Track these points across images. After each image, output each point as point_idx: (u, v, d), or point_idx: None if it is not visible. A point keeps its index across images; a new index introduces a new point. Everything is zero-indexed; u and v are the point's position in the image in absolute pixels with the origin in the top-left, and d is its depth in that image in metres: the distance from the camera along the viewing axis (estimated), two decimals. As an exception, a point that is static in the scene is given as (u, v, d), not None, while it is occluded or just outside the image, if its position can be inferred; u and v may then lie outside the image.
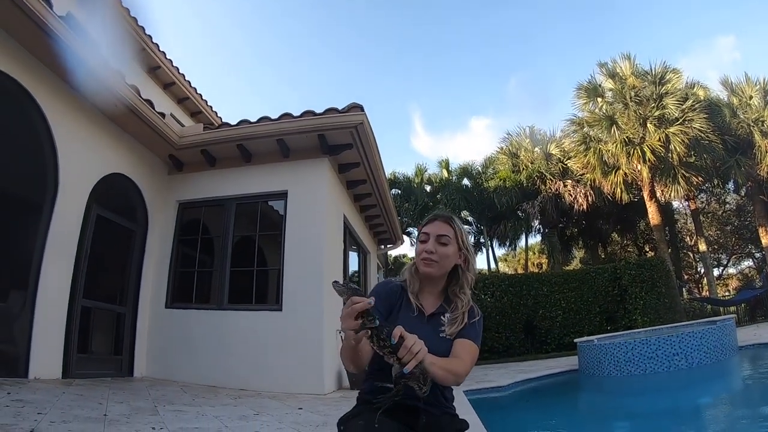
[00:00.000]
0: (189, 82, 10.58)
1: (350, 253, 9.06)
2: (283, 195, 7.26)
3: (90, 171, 6.12)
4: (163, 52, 9.56)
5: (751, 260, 27.64)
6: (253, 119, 7.22)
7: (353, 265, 10.01)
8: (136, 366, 6.72)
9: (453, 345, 1.56)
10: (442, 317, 1.61)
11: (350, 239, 9.00)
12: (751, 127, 16.28)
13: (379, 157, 7.97)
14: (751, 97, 16.83)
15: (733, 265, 29.29)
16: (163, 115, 7.02)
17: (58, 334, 5.46)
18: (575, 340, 9.62)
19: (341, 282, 1.33)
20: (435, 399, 1.50)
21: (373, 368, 1.50)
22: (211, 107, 11.56)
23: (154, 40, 9.24)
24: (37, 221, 5.33)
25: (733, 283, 29.08)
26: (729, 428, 4.56)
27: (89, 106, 5.83)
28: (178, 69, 10.12)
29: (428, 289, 1.67)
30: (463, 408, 1.56)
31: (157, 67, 9.54)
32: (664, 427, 4.75)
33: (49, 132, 5.38)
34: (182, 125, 7.77)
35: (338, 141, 7.12)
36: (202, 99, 11.13)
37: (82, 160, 5.92)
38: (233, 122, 7.39)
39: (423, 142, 59.39)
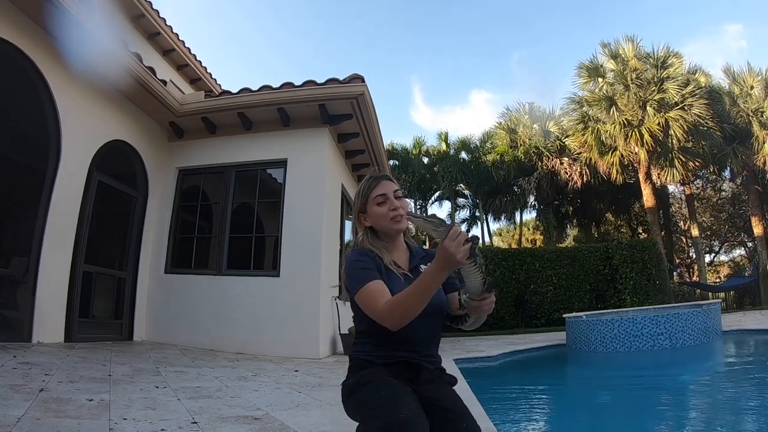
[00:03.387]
0: (189, 49, 10.45)
1: (347, 222, 9.15)
2: (282, 163, 7.33)
3: (92, 137, 6.14)
4: (163, 19, 9.41)
5: (743, 249, 27.76)
6: (254, 88, 7.24)
7: (349, 234, 10.11)
8: (135, 330, 6.88)
9: (449, 298, 1.57)
10: (420, 268, 1.59)
11: (347, 208, 9.10)
12: (750, 117, 16.33)
13: (379, 128, 8.02)
14: (752, 87, 16.80)
15: (725, 252, 29.45)
16: (164, 82, 7.01)
17: (60, 299, 5.58)
18: (564, 316, 9.84)
19: (428, 216, 1.38)
20: (431, 356, 1.57)
21: (371, 332, 1.50)
22: (210, 74, 11.44)
23: (154, 6, 9.11)
24: (39, 187, 5.38)
25: (724, 270, 29.23)
26: (707, 405, 4.77)
27: (91, 73, 5.79)
28: (177, 35, 9.97)
29: (395, 251, 1.63)
30: (451, 374, 1.68)
31: (156, 34, 9.40)
32: (643, 400, 4.95)
33: (52, 99, 5.40)
34: (182, 92, 7.75)
35: (338, 111, 7.16)
36: (201, 66, 11.00)
37: (84, 127, 5.93)
38: (233, 90, 7.40)
39: (422, 115, 59.21)
